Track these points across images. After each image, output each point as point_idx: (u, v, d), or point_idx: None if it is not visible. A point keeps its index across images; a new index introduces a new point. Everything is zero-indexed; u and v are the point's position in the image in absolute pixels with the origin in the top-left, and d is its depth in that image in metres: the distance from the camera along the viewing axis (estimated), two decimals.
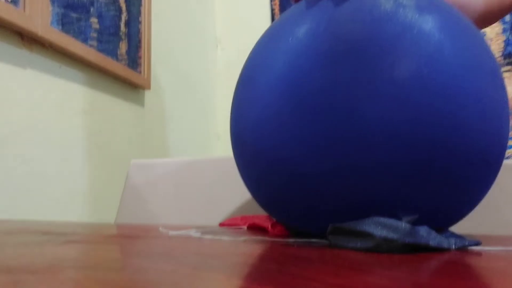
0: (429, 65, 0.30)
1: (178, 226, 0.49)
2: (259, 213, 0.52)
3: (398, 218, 0.30)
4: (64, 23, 0.88)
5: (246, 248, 0.29)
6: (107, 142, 1.02)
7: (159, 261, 0.22)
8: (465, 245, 0.31)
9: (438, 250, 0.29)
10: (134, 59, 1.15)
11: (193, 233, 0.39)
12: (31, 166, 0.79)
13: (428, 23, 0.31)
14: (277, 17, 1.65)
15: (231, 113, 0.39)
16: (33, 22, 0.77)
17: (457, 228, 0.37)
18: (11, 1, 0.75)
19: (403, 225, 0.29)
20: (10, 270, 0.19)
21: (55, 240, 0.32)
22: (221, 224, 0.55)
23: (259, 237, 0.36)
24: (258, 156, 0.35)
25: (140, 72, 1.17)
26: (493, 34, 1.37)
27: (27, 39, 0.79)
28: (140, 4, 1.19)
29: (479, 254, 0.28)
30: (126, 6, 1.13)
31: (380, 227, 0.30)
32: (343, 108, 0.30)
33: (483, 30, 1.35)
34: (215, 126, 1.68)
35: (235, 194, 0.69)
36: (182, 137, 1.44)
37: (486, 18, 0.53)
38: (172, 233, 0.40)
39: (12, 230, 0.42)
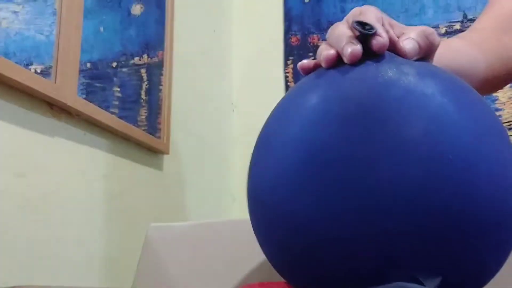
0: (435, 125, 0.31)
1: None
2: (277, 279, 0.51)
3: (419, 282, 0.30)
4: (89, 92, 0.94)
5: None
6: (126, 206, 1.04)
7: None
8: None
9: None
10: (154, 124, 1.19)
11: None
12: (52, 231, 0.80)
13: (430, 88, 0.33)
14: (290, 83, 1.73)
15: (248, 178, 0.40)
16: (63, 93, 0.82)
17: None
18: (41, 72, 0.81)
19: None
20: None
21: None
22: None
23: None
24: (274, 222, 0.35)
25: (159, 137, 1.20)
26: (506, 98, 1.38)
27: (57, 108, 0.84)
28: (160, 73, 1.25)
29: None
30: (147, 75, 1.19)
31: None
32: (358, 171, 0.31)
33: (494, 94, 1.36)
34: (231, 188, 1.69)
35: (253, 259, 0.68)
36: (199, 199, 1.45)
37: (491, 83, 0.54)
38: None
39: None
